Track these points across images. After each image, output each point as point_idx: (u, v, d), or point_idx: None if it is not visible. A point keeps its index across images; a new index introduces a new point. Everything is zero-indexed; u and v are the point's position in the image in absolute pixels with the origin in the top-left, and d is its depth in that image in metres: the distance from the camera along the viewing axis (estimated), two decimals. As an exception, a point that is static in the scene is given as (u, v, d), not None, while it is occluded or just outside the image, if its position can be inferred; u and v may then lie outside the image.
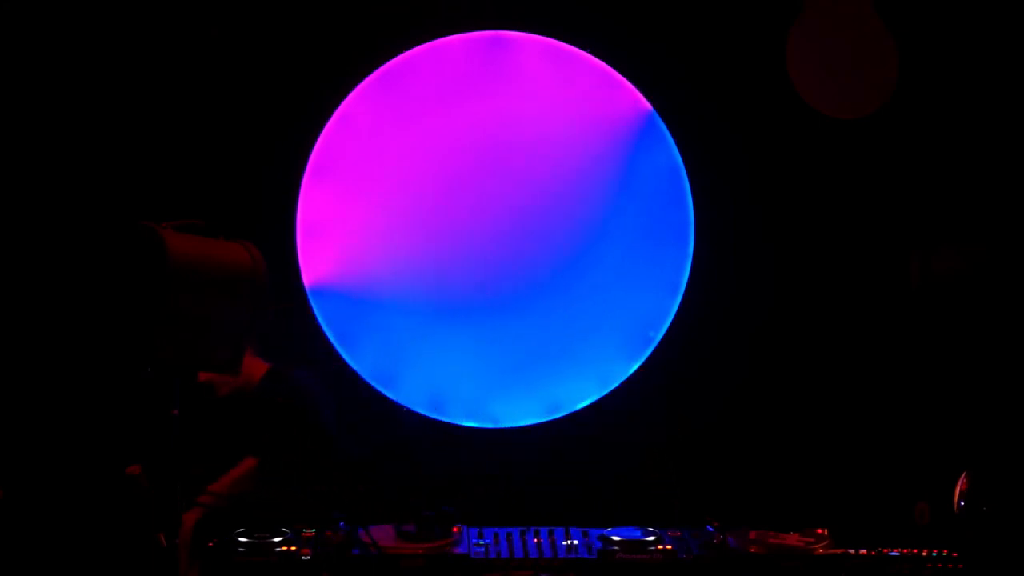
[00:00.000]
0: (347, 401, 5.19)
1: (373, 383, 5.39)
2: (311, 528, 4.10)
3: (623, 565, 3.94)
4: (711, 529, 4.08)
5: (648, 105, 5.45)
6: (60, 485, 5.09)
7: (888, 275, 5.48)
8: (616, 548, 3.99)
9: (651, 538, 4.04)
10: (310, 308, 5.37)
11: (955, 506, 4.14)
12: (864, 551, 3.98)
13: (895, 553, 3.98)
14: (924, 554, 3.97)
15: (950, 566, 3.95)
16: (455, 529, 4.08)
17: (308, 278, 5.37)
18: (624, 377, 5.45)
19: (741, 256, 5.50)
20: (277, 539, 3.97)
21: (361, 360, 5.42)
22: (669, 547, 4.00)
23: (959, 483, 4.15)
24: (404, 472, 5.29)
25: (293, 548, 3.94)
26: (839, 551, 4.00)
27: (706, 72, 5.46)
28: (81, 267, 5.08)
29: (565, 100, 5.45)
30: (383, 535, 4.00)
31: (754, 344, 5.51)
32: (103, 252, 3.98)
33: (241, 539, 3.96)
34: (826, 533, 4.09)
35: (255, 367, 4.65)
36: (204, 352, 3.78)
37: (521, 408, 5.43)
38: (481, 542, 4.05)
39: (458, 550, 3.96)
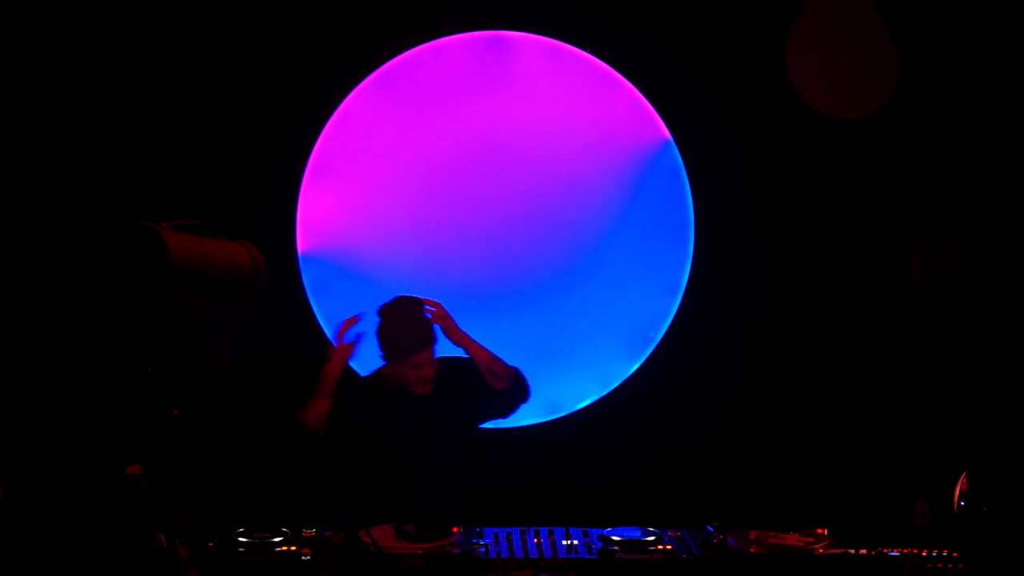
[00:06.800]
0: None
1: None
2: (311, 528, 4.10)
3: (623, 565, 3.94)
4: (711, 529, 4.08)
5: (649, 105, 5.45)
6: (60, 485, 5.09)
7: (888, 275, 5.48)
8: (616, 548, 3.99)
9: (651, 538, 4.04)
10: (310, 307, 5.37)
11: (955, 506, 4.14)
12: (864, 551, 3.98)
13: (895, 553, 3.97)
14: (924, 554, 3.97)
15: (950, 566, 3.95)
16: (455, 529, 4.08)
17: (308, 277, 5.38)
18: (624, 377, 5.45)
19: (741, 256, 5.50)
20: (277, 539, 3.97)
21: (361, 360, 5.41)
22: (669, 547, 4.00)
23: (959, 483, 4.15)
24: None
25: (293, 548, 3.94)
26: (839, 551, 3.99)
27: (706, 73, 5.46)
28: (81, 267, 5.08)
29: (565, 100, 5.45)
30: (383, 535, 4.00)
31: (754, 344, 5.50)
32: (103, 252, 3.98)
33: (241, 539, 3.96)
34: (826, 533, 4.09)
35: None
36: (203, 352, 3.78)
37: (521, 408, 5.42)
38: (481, 542, 4.05)
39: (458, 550, 3.96)
